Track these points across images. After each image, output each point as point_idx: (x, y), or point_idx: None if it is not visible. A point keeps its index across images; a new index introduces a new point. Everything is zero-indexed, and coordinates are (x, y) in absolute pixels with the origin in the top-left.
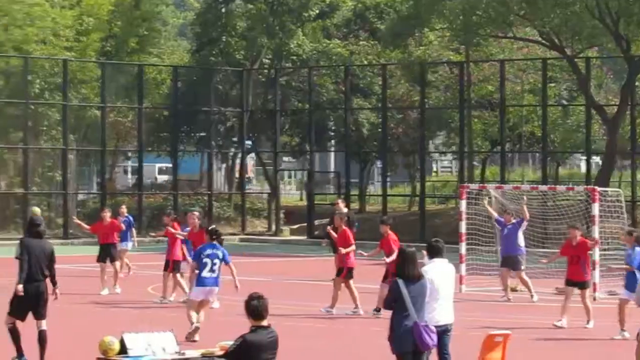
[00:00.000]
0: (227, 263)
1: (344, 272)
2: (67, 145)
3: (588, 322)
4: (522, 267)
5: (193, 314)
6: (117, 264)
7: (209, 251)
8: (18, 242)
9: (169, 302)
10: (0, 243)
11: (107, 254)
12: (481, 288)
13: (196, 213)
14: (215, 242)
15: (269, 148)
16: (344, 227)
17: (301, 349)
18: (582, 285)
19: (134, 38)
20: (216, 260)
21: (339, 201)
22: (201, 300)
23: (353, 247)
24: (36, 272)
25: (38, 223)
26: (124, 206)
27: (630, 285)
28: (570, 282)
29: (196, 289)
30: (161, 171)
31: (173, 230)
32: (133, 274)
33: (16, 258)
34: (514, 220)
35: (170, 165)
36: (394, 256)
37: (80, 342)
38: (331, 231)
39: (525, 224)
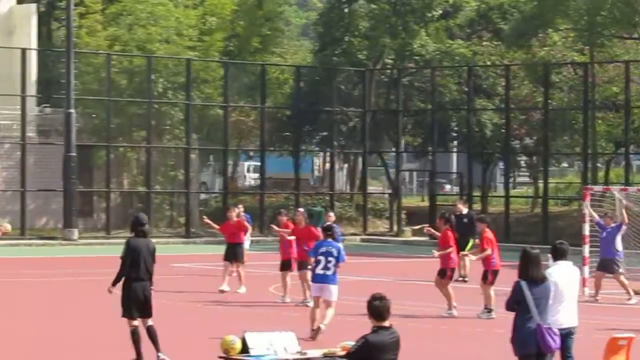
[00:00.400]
0: (338, 261)
1: (448, 274)
2: (190, 145)
3: None
4: (620, 270)
5: (316, 312)
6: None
7: (323, 248)
8: (125, 242)
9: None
10: (122, 242)
11: (233, 253)
12: (605, 291)
13: (301, 210)
14: (330, 240)
15: (390, 148)
16: (444, 227)
17: (422, 350)
18: None
19: (256, 37)
20: (330, 258)
21: (459, 202)
22: (318, 297)
23: (451, 248)
24: (143, 271)
25: (144, 222)
26: (240, 205)
27: None
28: None
29: (312, 285)
30: (250, 170)
31: (277, 229)
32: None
33: (121, 258)
34: (613, 224)
35: (259, 164)
36: (486, 253)
37: (202, 340)
38: (433, 231)
39: (624, 228)
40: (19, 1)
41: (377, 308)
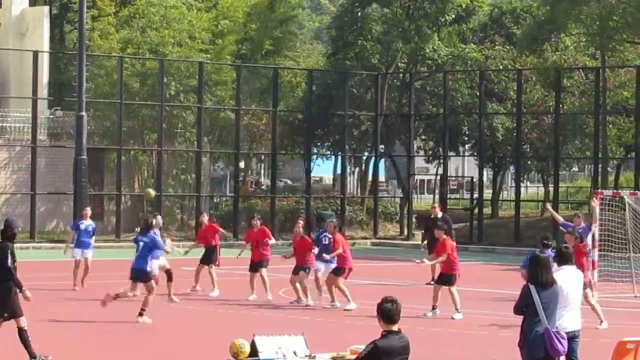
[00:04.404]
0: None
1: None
2: (201, 148)
3: None
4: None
5: None
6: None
7: None
8: None
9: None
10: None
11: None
12: (613, 294)
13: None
14: None
15: (402, 152)
16: (443, 237)
17: (432, 354)
18: None
19: (269, 41)
20: None
21: (436, 206)
22: None
23: (444, 257)
24: None
25: None
26: (159, 216)
27: None
28: None
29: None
30: None
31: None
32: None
33: None
34: (583, 224)
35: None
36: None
37: (211, 344)
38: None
39: (594, 227)
40: (31, 3)
41: (388, 310)
